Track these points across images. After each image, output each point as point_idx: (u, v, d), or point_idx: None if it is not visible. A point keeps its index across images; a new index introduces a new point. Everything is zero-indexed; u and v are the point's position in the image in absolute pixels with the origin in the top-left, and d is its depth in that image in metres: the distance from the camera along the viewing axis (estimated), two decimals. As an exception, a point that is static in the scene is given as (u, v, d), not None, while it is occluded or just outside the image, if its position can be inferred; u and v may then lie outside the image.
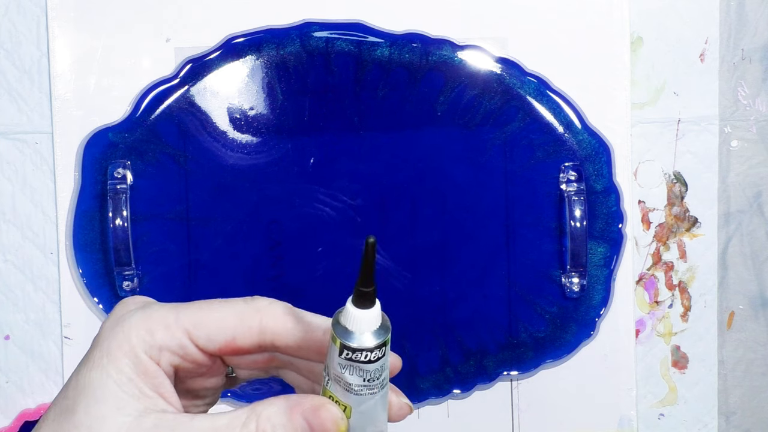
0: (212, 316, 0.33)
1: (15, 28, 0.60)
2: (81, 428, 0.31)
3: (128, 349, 0.32)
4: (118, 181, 0.59)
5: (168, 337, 0.32)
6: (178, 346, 0.32)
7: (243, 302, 0.33)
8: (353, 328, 0.30)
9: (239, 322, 0.33)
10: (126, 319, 0.32)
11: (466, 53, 0.61)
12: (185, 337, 0.32)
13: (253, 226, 0.61)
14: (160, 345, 0.32)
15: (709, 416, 0.65)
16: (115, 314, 0.33)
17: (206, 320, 0.33)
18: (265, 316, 0.33)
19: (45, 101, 0.60)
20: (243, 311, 0.33)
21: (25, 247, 0.61)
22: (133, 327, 0.32)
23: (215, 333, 0.33)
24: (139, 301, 0.34)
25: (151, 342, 0.32)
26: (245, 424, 0.31)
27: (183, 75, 0.60)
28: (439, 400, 0.62)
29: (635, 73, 0.63)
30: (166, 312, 0.32)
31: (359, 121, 0.61)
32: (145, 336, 0.32)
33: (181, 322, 0.32)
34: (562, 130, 0.62)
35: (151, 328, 0.32)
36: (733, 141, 0.64)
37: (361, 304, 0.30)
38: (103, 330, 0.33)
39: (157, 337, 0.32)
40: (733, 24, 0.63)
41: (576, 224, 0.60)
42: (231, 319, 0.33)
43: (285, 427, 0.31)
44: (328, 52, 0.60)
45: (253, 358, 0.35)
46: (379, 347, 0.30)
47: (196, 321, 0.33)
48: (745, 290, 0.65)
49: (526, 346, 0.62)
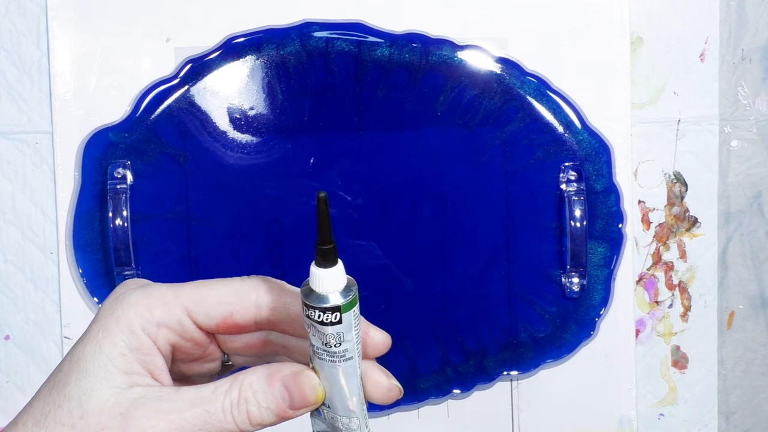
0: (210, 293, 0.34)
1: (15, 28, 0.60)
2: (71, 400, 0.31)
3: (125, 324, 0.32)
4: (118, 181, 0.59)
5: (166, 314, 0.33)
6: (177, 322, 0.33)
7: (240, 280, 0.34)
8: (314, 287, 0.31)
9: (237, 299, 0.34)
10: (125, 297, 0.33)
11: (466, 53, 0.61)
12: (184, 314, 0.33)
13: (253, 226, 0.61)
14: (158, 321, 0.33)
15: (709, 416, 0.65)
16: (114, 293, 0.34)
17: (204, 297, 0.33)
18: (261, 292, 0.34)
19: (45, 101, 0.60)
20: (240, 288, 0.34)
21: (25, 247, 0.61)
22: (132, 304, 0.33)
23: (213, 309, 0.33)
24: (139, 282, 0.34)
25: (149, 318, 0.33)
26: (228, 391, 0.32)
27: (183, 75, 0.60)
28: (439, 400, 0.62)
29: (635, 73, 0.63)
30: (165, 290, 0.33)
31: (359, 121, 0.61)
32: (144, 312, 0.33)
33: (179, 300, 0.33)
34: (562, 130, 0.62)
35: (150, 305, 0.33)
36: (733, 141, 0.64)
37: (321, 262, 0.31)
38: (102, 308, 0.33)
39: (156, 314, 0.33)
40: (733, 24, 0.63)
41: (576, 224, 0.60)
42: (228, 296, 0.34)
43: (265, 393, 0.32)
44: (328, 52, 0.60)
45: (248, 340, 0.35)
46: (331, 310, 0.31)
47: (194, 298, 0.33)
48: (745, 290, 0.65)
49: (526, 346, 0.62)
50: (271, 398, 0.32)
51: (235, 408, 0.32)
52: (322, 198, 0.30)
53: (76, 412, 0.31)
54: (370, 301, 0.61)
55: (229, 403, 0.32)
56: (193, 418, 0.31)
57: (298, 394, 0.32)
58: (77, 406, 0.31)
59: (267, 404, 0.32)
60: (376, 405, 0.62)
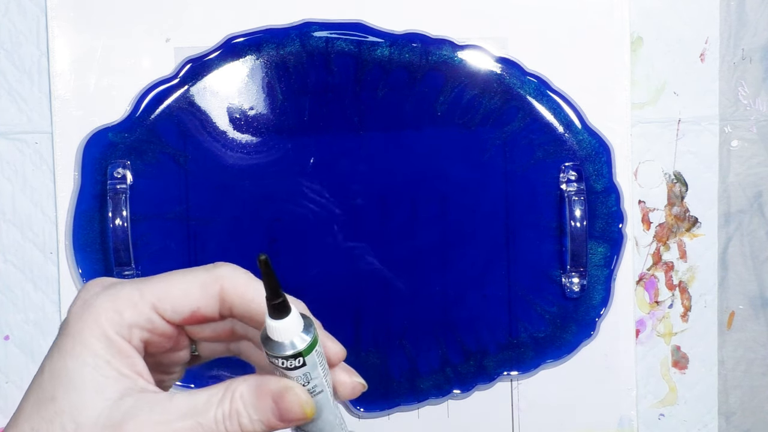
0: (176, 288, 0.34)
1: (15, 28, 0.60)
2: (63, 415, 0.31)
3: (99, 332, 0.32)
4: (118, 181, 0.59)
5: (136, 315, 0.33)
6: (147, 320, 0.33)
7: (204, 271, 0.34)
8: (273, 337, 0.31)
9: (202, 292, 0.34)
10: (93, 303, 0.33)
11: (466, 53, 0.61)
12: (152, 312, 0.33)
13: (253, 226, 0.61)
14: (130, 323, 0.33)
15: (709, 416, 0.65)
16: (80, 299, 0.34)
17: (170, 293, 0.34)
18: (226, 285, 0.34)
19: (45, 101, 0.60)
20: (204, 281, 0.34)
21: (25, 247, 0.61)
22: (102, 309, 0.32)
23: (180, 305, 0.34)
24: (101, 283, 0.34)
25: (120, 322, 0.32)
26: (221, 402, 0.32)
27: (183, 75, 0.60)
28: (439, 400, 0.62)
29: (635, 73, 0.63)
30: (131, 290, 0.33)
31: (359, 121, 0.61)
32: (114, 316, 0.32)
33: (146, 298, 0.33)
34: (562, 130, 0.62)
35: (118, 308, 0.33)
36: (733, 141, 0.64)
37: (273, 314, 0.31)
38: (70, 316, 0.33)
39: (126, 316, 0.33)
40: (733, 24, 0.63)
41: (576, 224, 0.60)
42: (194, 290, 0.34)
43: (255, 407, 0.32)
44: (328, 52, 0.60)
45: (215, 328, 0.36)
46: (293, 356, 0.31)
47: (160, 295, 0.33)
48: (745, 290, 0.65)
49: (526, 346, 0.62)
50: (261, 411, 0.32)
51: (227, 419, 0.32)
52: (263, 261, 0.30)
53: (69, 427, 0.31)
54: (370, 301, 0.62)
55: (221, 414, 0.32)
56: (186, 429, 0.31)
57: (286, 411, 0.32)
58: (70, 420, 0.31)
59: (258, 416, 0.32)
60: (376, 405, 0.62)
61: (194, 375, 0.60)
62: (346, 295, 0.61)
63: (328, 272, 0.61)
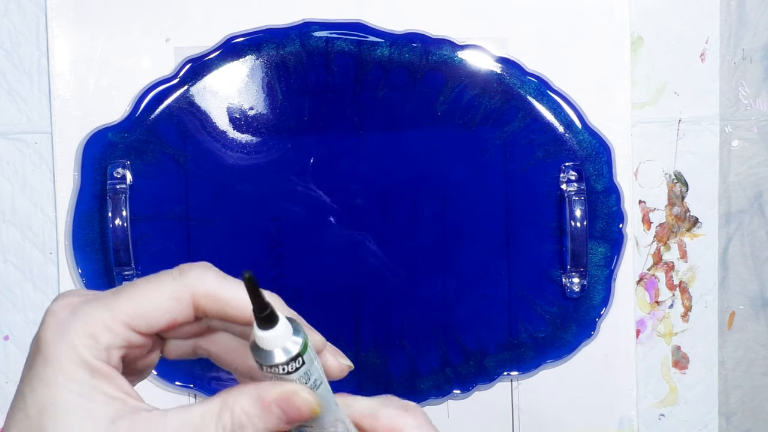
0: (147, 303, 0.33)
1: (15, 28, 0.60)
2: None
3: (78, 359, 0.31)
4: (118, 181, 0.59)
5: (111, 337, 0.32)
6: (122, 339, 0.32)
7: (172, 279, 0.33)
8: (262, 345, 0.31)
9: (175, 303, 0.33)
10: (66, 330, 0.32)
11: (466, 53, 0.61)
12: (127, 331, 0.32)
13: (253, 226, 0.61)
14: (107, 346, 0.32)
15: (710, 416, 0.65)
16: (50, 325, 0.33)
17: (143, 309, 0.33)
18: (196, 291, 0.33)
19: (44, 101, 0.60)
20: (175, 291, 0.33)
21: (24, 247, 0.61)
22: (77, 336, 0.32)
23: (154, 319, 0.33)
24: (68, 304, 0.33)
25: (97, 346, 0.32)
26: (219, 416, 0.31)
27: (183, 75, 0.60)
28: (439, 400, 0.62)
29: (635, 73, 0.63)
30: (101, 311, 0.32)
31: (359, 121, 0.61)
32: (90, 343, 0.32)
33: (119, 318, 0.32)
34: (562, 130, 0.62)
35: (92, 333, 0.32)
36: (733, 141, 0.64)
37: (262, 325, 0.31)
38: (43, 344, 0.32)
39: (102, 340, 0.32)
40: (733, 23, 0.63)
41: (576, 224, 0.60)
42: (166, 303, 0.33)
43: (260, 417, 0.32)
44: (328, 52, 0.60)
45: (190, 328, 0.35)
46: (288, 362, 0.31)
47: (133, 313, 0.33)
48: (745, 290, 0.65)
49: (527, 347, 0.62)
50: (268, 420, 0.32)
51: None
52: (247, 279, 0.30)
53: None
54: (370, 301, 0.61)
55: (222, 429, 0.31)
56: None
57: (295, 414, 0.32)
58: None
59: (264, 425, 0.32)
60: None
61: (195, 376, 0.60)
62: (346, 295, 0.61)
63: (328, 272, 0.61)
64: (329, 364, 0.35)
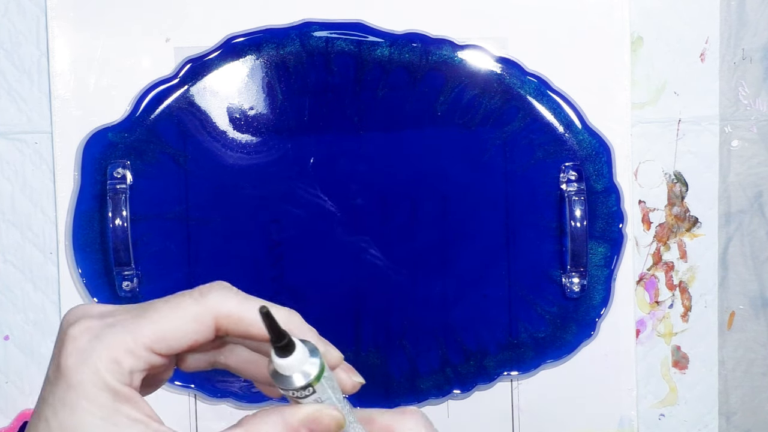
0: (170, 327, 0.33)
1: (15, 28, 0.60)
2: None
3: (102, 384, 0.32)
4: (118, 181, 0.59)
5: (134, 360, 0.33)
6: (145, 362, 0.33)
7: (194, 302, 0.34)
8: (282, 372, 0.32)
9: (197, 326, 0.33)
10: (89, 356, 0.32)
11: (466, 53, 0.61)
12: (149, 354, 0.33)
13: (253, 226, 0.61)
14: (130, 370, 0.32)
15: (710, 416, 0.65)
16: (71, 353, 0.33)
17: (165, 333, 0.33)
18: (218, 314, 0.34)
19: (44, 101, 0.60)
20: (197, 314, 0.33)
21: (24, 247, 0.61)
22: (100, 361, 0.32)
23: (176, 342, 0.33)
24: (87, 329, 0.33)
25: (120, 370, 0.32)
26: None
27: (183, 75, 0.60)
28: (439, 400, 0.62)
29: (635, 73, 0.63)
30: (123, 335, 0.33)
31: (359, 121, 0.61)
32: (114, 367, 0.32)
33: (140, 342, 0.33)
34: (562, 130, 0.62)
35: (116, 358, 0.32)
36: (733, 141, 0.64)
37: (281, 353, 0.32)
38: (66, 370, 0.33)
39: (125, 365, 0.32)
40: (733, 24, 0.63)
41: (576, 224, 0.60)
42: (188, 326, 0.33)
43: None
44: (328, 52, 0.60)
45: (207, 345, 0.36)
46: (303, 388, 0.32)
47: (154, 337, 0.33)
48: (745, 290, 0.65)
49: (527, 347, 0.62)
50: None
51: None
52: (264, 314, 0.31)
53: None
54: (371, 301, 0.61)
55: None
56: None
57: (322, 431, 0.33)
58: None
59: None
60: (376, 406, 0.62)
61: (195, 376, 0.60)
62: (346, 295, 0.61)
63: (328, 272, 0.61)
64: (342, 379, 0.35)
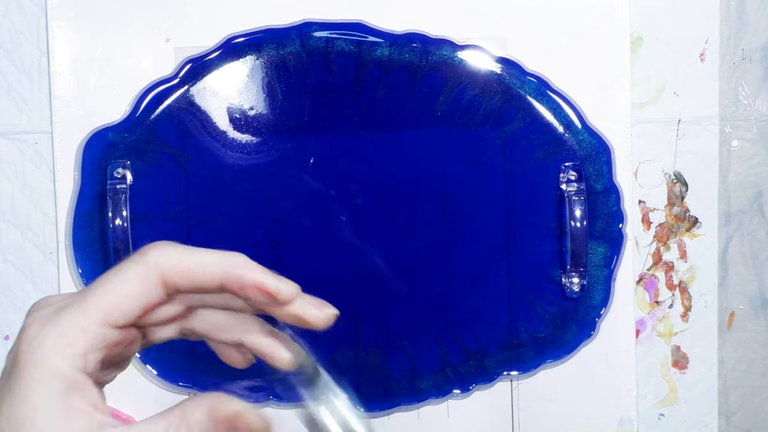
0: (117, 294, 0.33)
1: (15, 28, 0.60)
2: None
3: (53, 371, 0.31)
4: (118, 181, 0.59)
5: (88, 339, 0.32)
6: (100, 340, 0.32)
7: (136, 264, 0.33)
8: None
9: (145, 286, 0.33)
10: (39, 344, 0.32)
11: (466, 53, 0.61)
12: (103, 328, 0.32)
13: (253, 226, 0.61)
14: (84, 351, 0.32)
15: (710, 416, 0.65)
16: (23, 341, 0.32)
17: (114, 301, 0.33)
18: (162, 269, 0.33)
19: (45, 101, 0.60)
20: (141, 274, 0.33)
21: (24, 247, 0.61)
22: (51, 347, 0.31)
23: (129, 308, 0.33)
24: (41, 315, 0.33)
25: (74, 353, 0.32)
26: (178, 429, 0.32)
27: (183, 75, 0.60)
28: (439, 400, 0.62)
29: (635, 73, 0.63)
30: (74, 315, 0.32)
31: (359, 121, 0.61)
32: (66, 351, 0.31)
33: (91, 317, 0.32)
34: (562, 130, 0.62)
35: (68, 340, 0.32)
36: (733, 141, 0.64)
37: None
38: (18, 360, 0.32)
39: (79, 346, 0.32)
40: (733, 24, 0.63)
41: (576, 224, 0.60)
42: (136, 288, 0.33)
43: None
44: (328, 52, 0.60)
45: (163, 313, 0.35)
46: None
47: (105, 308, 0.32)
48: (745, 290, 0.65)
49: (526, 346, 0.62)
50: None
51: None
52: None
53: None
54: (370, 301, 0.61)
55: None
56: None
57: None
58: None
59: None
60: (376, 405, 0.62)
61: (196, 376, 0.60)
62: (346, 295, 0.61)
63: (328, 272, 0.61)
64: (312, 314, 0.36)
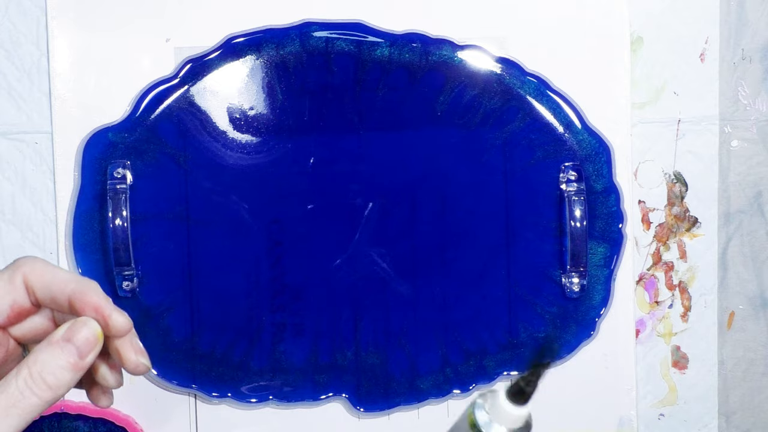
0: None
1: (15, 28, 0.60)
2: None
3: None
4: (118, 181, 0.59)
5: None
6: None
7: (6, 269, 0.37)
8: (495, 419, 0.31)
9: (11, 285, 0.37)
10: None
11: (466, 53, 0.61)
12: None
13: (253, 226, 0.61)
14: None
15: (709, 416, 0.65)
16: None
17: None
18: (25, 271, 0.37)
19: (45, 101, 0.60)
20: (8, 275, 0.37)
21: (25, 247, 0.61)
22: None
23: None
24: None
25: None
26: (19, 372, 0.35)
27: (183, 75, 0.60)
28: (439, 400, 0.62)
29: (635, 73, 0.63)
30: None
31: (359, 121, 0.61)
32: None
33: None
34: (562, 130, 0.62)
35: None
36: (733, 141, 0.64)
37: (515, 399, 0.30)
38: None
39: None
40: (733, 24, 0.63)
41: (576, 224, 0.60)
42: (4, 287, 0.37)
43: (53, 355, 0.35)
44: (328, 52, 0.60)
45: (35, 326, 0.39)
46: None
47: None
48: (745, 290, 0.65)
49: (526, 347, 0.62)
50: (62, 356, 0.35)
51: (32, 384, 0.34)
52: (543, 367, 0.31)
53: None
54: (370, 301, 0.61)
55: (23, 382, 0.34)
56: None
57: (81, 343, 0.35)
58: None
59: (60, 363, 0.35)
60: (376, 405, 0.62)
61: (196, 376, 0.60)
62: (345, 295, 0.61)
63: (328, 272, 0.61)
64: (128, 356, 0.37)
